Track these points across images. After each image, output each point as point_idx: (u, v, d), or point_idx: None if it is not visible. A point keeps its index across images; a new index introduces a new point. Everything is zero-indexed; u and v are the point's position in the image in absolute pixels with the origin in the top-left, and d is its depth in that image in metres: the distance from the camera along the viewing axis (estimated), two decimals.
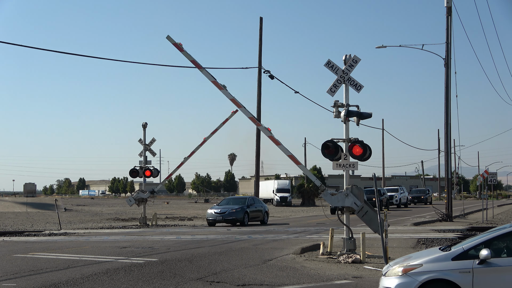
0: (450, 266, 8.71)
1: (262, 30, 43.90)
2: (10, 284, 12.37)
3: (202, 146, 33.84)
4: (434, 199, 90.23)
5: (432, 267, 8.77)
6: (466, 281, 8.53)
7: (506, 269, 8.47)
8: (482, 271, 8.51)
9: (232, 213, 31.46)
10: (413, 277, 8.79)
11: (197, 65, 18.40)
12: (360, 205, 15.96)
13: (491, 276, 8.48)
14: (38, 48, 33.41)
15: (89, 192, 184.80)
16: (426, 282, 8.68)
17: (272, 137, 17.54)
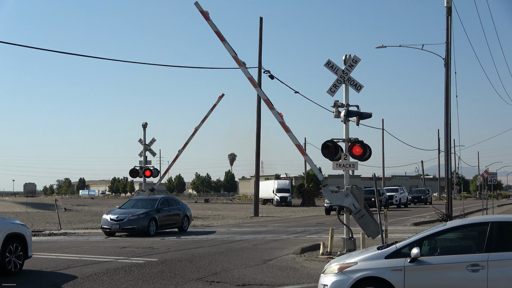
0: (383, 264, 8.94)
1: (262, 30, 43.91)
2: (11, 284, 12.37)
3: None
4: (434, 199, 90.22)
5: (366, 265, 9.01)
6: (398, 279, 8.73)
7: (436, 267, 8.67)
8: (413, 269, 8.72)
9: (133, 220, 24.43)
10: (348, 275, 8.99)
11: (220, 37, 18.10)
12: (358, 207, 15.96)
13: (422, 274, 8.68)
14: (38, 48, 33.44)
15: (89, 192, 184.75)
16: (360, 279, 8.89)
17: (283, 123, 17.31)
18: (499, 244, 8.60)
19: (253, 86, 17.81)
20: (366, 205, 16.41)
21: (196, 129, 33.29)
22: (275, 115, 17.43)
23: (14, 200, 72.94)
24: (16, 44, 24.65)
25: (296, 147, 17.34)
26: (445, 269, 8.63)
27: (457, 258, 8.69)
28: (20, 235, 14.04)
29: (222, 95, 33.54)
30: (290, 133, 17.20)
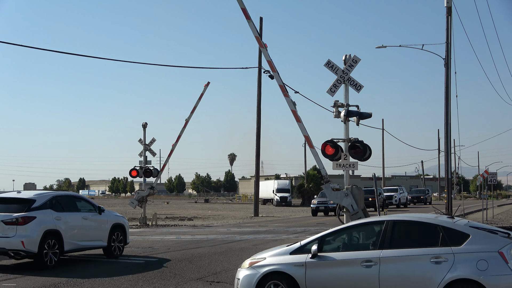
0: (288, 260, 9.55)
1: (262, 30, 43.91)
2: (10, 284, 12.38)
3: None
4: (434, 199, 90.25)
5: (273, 260, 9.67)
6: (300, 273, 9.33)
7: (334, 263, 9.22)
8: (314, 264, 9.31)
9: None
10: (256, 269, 9.67)
11: (246, 14, 17.79)
12: (356, 209, 15.95)
13: (321, 269, 9.24)
14: (38, 48, 33.48)
15: (89, 192, 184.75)
16: (266, 274, 9.53)
17: (295, 112, 17.07)
18: (391, 241, 9.05)
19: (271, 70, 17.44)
20: (365, 208, 16.37)
21: (187, 121, 33.23)
22: (288, 103, 17.17)
23: None
24: (16, 44, 24.72)
25: (305, 138, 17.15)
26: (342, 264, 9.18)
27: (354, 254, 9.21)
28: (122, 225, 17.07)
29: (208, 84, 33.53)
30: (300, 123, 17.01)
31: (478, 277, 8.25)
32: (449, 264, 8.52)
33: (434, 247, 8.77)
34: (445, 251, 8.65)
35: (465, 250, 8.56)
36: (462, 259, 8.50)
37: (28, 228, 14.08)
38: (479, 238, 8.64)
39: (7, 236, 13.96)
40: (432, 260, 8.65)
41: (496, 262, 8.30)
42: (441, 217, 9.82)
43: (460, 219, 9.72)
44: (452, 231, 8.85)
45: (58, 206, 15.23)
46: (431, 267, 8.61)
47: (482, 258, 8.38)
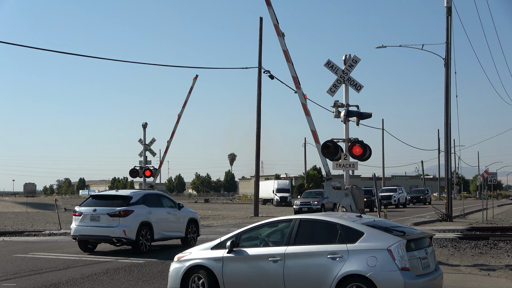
0: (209, 254, 10.30)
1: (262, 30, 43.89)
2: (10, 284, 12.38)
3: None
4: (434, 199, 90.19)
5: (197, 255, 10.45)
6: (218, 267, 10.07)
7: (247, 258, 9.87)
8: (230, 259, 10.01)
9: None
10: (183, 263, 10.47)
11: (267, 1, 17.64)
12: (354, 210, 15.95)
13: (236, 263, 9.92)
14: (38, 48, 33.44)
15: (89, 192, 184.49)
16: (190, 267, 10.31)
17: (305, 106, 17.03)
18: (296, 239, 9.64)
19: (286, 60, 17.32)
20: (363, 210, 16.35)
21: (179, 116, 33.23)
22: (299, 96, 17.08)
23: (14, 200, 72.95)
24: (16, 44, 24.71)
25: (312, 133, 17.08)
26: (253, 259, 9.83)
27: (263, 250, 9.86)
28: (195, 219, 20.20)
29: (196, 76, 33.58)
30: (309, 117, 16.94)
31: (368, 272, 8.76)
32: (344, 260, 9.04)
33: (332, 244, 9.30)
34: (340, 248, 9.17)
35: (358, 247, 9.06)
36: (355, 256, 9.00)
37: (128, 219, 17.11)
38: (372, 236, 9.11)
39: (112, 226, 17.02)
40: (329, 256, 9.19)
41: (384, 259, 8.79)
42: (345, 215, 10.34)
43: (367, 218, 10.08)
44: (349, 229, 9.34)
45: (148, 202, 18.26)
46: (327, 263, 9.14)
47: (372, 254, 8.88)
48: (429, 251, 9.53)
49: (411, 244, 9.08)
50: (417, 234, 9.47)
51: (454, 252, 17.69)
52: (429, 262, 9.38)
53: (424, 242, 9.51)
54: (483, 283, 12.58)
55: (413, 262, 8.96)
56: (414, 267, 8.93)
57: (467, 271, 14.29)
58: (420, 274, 9.02)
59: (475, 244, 19.38)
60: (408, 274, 8.73)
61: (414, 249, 9.10)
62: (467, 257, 16.78)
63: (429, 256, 9.45)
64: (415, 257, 9.02)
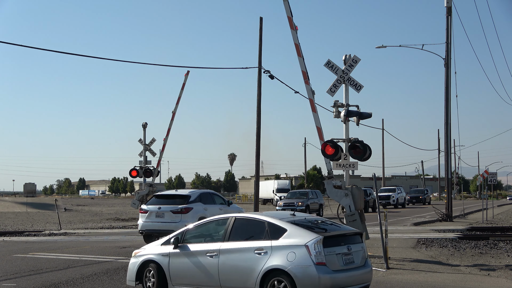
0: (158, 250, 11.15)
1: (262, 30, 43.88)
2: (10, 284, 12.38)
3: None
4: (434, 199, 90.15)
5: (149, 250, 11.31)
6: (165, 262, 10.91)
7: (190, 253, 10.65)
8: (175, 254, 10.83)
9: None
10: (137, 258, 11.36)
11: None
12: (353, 211, 15.93)
13: (180, 258, 10.73)
14: (38, 48, 33.43)
15: (89, 192, 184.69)
16: (144, 262, 11.18)
17: (312, 102, 16.90)
18: (231, 235, 10.35)
19: (297, 54, 17.13)
20: (362, 210, 16.33)
21: (174, 113, 33.20)
22: (308, 91, 16.90)
23: (14, 200, 72.94)
24: (16, 44, 24.66)
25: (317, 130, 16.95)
26: (194, 255, 10.58)
27: (204, 246, 10.57)
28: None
29: (188, 73, 33.55)
30: (315, 113, 16.82)
31: (287, 267, 9.38)
32: (268, 255, 9.69)
33: (259, 241, 9.96)
34: (265, 244, 9.82)
35: (280, 243, 9.69)
36: (277, 251, 9.64)
37: (189, 216, 19.58)
38: (294, 233, 9.71)
39: (175, 222, 19.49)
40: (255, 252, 9.85)
41: (302, 254, 9.38)
42: (280, 213, 11.02)
43: (300, 215, 10.65)
44: (274, 226, 9.97)
45: (204, 200, 20.91)
46: (254, 258, 9.81)
47: (292, 250, 9.49)
48: (355, 248, 10.00)
49: (329, 241, 9.60)
50: (337, 231, 10.00)
51: (454, 252, 17.70)
52: (353, 258, 9.88)
53: (348, 239, 9.99)
54: (483, 283, 12.58)
55: (331, 258, 9.49)
56: (332, 263, 9.47)
57: (467, 271, 14.29)
58: (339, 269, 9.54)
59: (475, 244, 19.38)
60: (323, 269, 9.31)
61: (334, 246, 9.62)
62: (467, 257, 16.78)
63: (354, 253, 9.94)
64: (333, 253, 9.56)
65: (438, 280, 12.79)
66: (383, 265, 14.42)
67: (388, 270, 14.06)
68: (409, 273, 13.73)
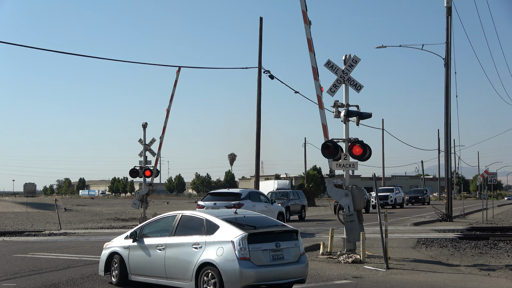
0: (122, 243, 12.30)
1: (262, 30, 43.88)
2: (10, 284, 12.37)
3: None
4: (434, 199, 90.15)
5: (116, 243, 12.51)
6: (126, 254, 12.04)
7: (144, 246, 11.71)
8: (133, 247, 11.96)
9: None
10: (107, 249, 12.60)
11: None
12: (352, 211, 15.92)
13: (137, 251, 11.82)
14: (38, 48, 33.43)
15: (89, 192, 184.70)
16: (110, 253, 12.41)
17: (320, 98, 16.77)
18: (176, 231, 11.29)
19: (309, 49, 16.98)
20: (361, 211, 16.31)
21: (168, 111, 33.14)
22: (316, 87, 16.76)
23: (14, 200, 72.91)
24: (16, 44, 24.68)
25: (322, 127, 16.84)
26: (147, 248, 11.62)
27: (155, 240, 11.57)
28: (282, 212, 26.55)
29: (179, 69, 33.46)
30: (322, 110, 16.73)
31: (216, 261, 10.20)
32: (202, 250, 10.52)
33: (197, 236, 10.82)
34: (201, 240, 10.66)
35: (213, 239, 10.49)
36: (210, 246, 10.46)
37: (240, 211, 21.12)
38: (225, 230, 10.47)
39: None
40: (193, 246, 10.71)
41: (228, 249, 10.13)
42: (218, 211, 11.92)
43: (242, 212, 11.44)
44: (210, 223, 10.81)
45: (252, 198, 23.99)
46: (192, 252, 10.67)
47: (221, 245, 10.27)
48: (286, 245, 10.59)
49: (256, 238, 10.28)
50: (266, 229, 10.66)
51: (454, 252, 17.70)
52: (283, 254, 10.49)
53: (278, 237, 10.60)
54: (483, 283, 12.58)
55: (257, 253, 10.17)
56: (257, 258, 10.14)
57: (467, 271, 14.29)
58: (264, 264, 10.19)
59: (475, 244, 19.38)
60: (246, 264, 10.01)
61: (260, 242, 10.29)
62: (467, 257, 16.78)
63: (285, 249, 10.55)
64: (259, 249, 10.22)
65: (438, 280, 12.79)
66: (383, 265, 14.42)
67: (388, 270, 14.06)
68: (409, 273, 13.73)
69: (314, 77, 16.73)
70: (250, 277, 9.98)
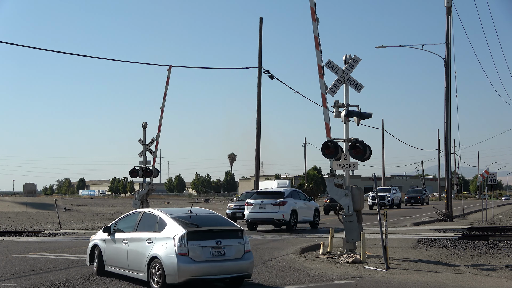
0: (101, 236, 13.54)
1: (262, 30, 43.89)
2: (10, 284, 12.37)
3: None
4: (434, 199, 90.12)
5: (98, 236, 13.84)
6: (103, 246, 13.30)
7: (114, 239, 12.91)
8: (108, 241, 13.19)
9: None
10: (91, 241, 13.97)
11: None
12: (351, 211, 15.92)
13: (110, 244, 13.03)
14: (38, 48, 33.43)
15: (89, 192, 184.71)
16: (93, 244, 13.80)
17: (324, 97, 16.75)
18: (138, 226, 12.47)
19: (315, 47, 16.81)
20: (360, 211, 16.30)
21: (162, 109, 33.19)
22: (321, 86, 16.63)
23: (14, 200, 72.89)
24: (16, 44, 24.75)
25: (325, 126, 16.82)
26: (117, 241, 12.79)
27: (122, 235, 12.74)
28: (318, 209, 29.03)
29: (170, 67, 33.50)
30: (326, 108, 16.74)
31: (160, 255, 11.20)
32: (153, 244, 11.56)
33: (150, 232, 11.89)
34: (153, 235, 11.73)
35: (161, 235, 11.52)
36: (158, 242, 11.48)
37: (285, 207, 25.98)
38: (172, 227, 11.46)
39: (274, 212, 26.01)
40: (147, 241, 11.80)
41: (170, 245, 11.10)
42: (171, 209, 12.67)
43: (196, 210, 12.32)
44: (161, 220, 11.88)
45: (294, 196, 27.10)
46: (146, 246, 11.76)
47: (165, 241, 11.27)
48: (228, 242, 11.37)
49: (196, 235, 11.15)
50: (208, 227, 11.46)
51: (454, 252, 17.69)
52: (224, 251, 11.27)
53: (220, 235, 11.37)
54: (483, 283, 12.58)
55: (196, 250, 11.02)
56: (196, 254, 11.01)
57: (467, 271, 14.28)
58: (203, 260, 11.04)
59: (475, 244, 19.38)
60: (184, 259, 10.92)
61: (200, 239, 11.13)
62: (467, 257, 16.77)
63: (226, 247, 11.33)
64: (198, 246, 11.06)
65: (438, 280, 12.79)
66: (383, 265, 14.41)
67: (388, 270, 14.06)
68: (409, 273, 13.72)
69: (320, 75, 16.67)
70: (187, 271, 10.86)
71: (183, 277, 10.85)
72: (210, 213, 12.56)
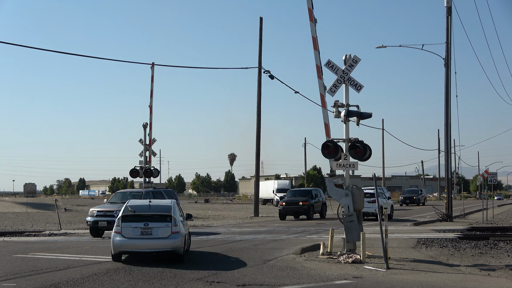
0: None
1: (262, 30, 43.91)
2: (10, 284, 12.37)
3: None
4: (434, 199, 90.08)
5: None
6: None
7: None
8: None
9: None
10: None
11: None
12: (351, 211, 15.92)
13: None
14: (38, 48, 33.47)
15: (89, 192, 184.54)
16: None
17: (323, 97, 16.75)
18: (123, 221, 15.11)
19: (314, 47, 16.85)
20: (361, 212, 16.29)
21: (150, 107, 33.25)
22: (320, 86, 16.60)
23: (14, 200, 72.92)
24: (16, 44, 24.81)
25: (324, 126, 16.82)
26: None
27: None
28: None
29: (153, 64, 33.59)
30: (325, 109, 16.72)
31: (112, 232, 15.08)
32: None
33: None
34: None
35: None
36: None
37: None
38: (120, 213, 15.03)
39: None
40: None
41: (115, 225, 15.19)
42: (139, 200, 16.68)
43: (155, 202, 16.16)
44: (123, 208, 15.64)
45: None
46: None
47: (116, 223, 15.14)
48: (155, 225, 14.66)
49: (128, 218, 14.79)
50: (141, 212, 15.01)
51: (454, 252, 17.69)
52: (151, 231, 14.64)
53: (149, 219, 14.77)
54: (483, 283, 12.58)
55: (127, 229, 14.68)
56: (127, 232, 14.66)
57: (467, 271, 14.28)
58: (132, 237, 14.63)
59: (475, 244, 19.38)
60: (118, 236, 14.70)
61: (131, 222, 14.70)
62: (467, 257, 16.78)
63: (154, 228, 14.65)
64: (129, 226, 14.67)
65: (438, 280, 12.79)
66: (383, 265, 14.41)
67: (388, 270, 14.06)
68: (409, 273, 13.72)
69: (318, 76, 16.68)
70: (119, 245, 14.65)
71: (117, 249, 14.73)
72: (161, 203, 16.06)
